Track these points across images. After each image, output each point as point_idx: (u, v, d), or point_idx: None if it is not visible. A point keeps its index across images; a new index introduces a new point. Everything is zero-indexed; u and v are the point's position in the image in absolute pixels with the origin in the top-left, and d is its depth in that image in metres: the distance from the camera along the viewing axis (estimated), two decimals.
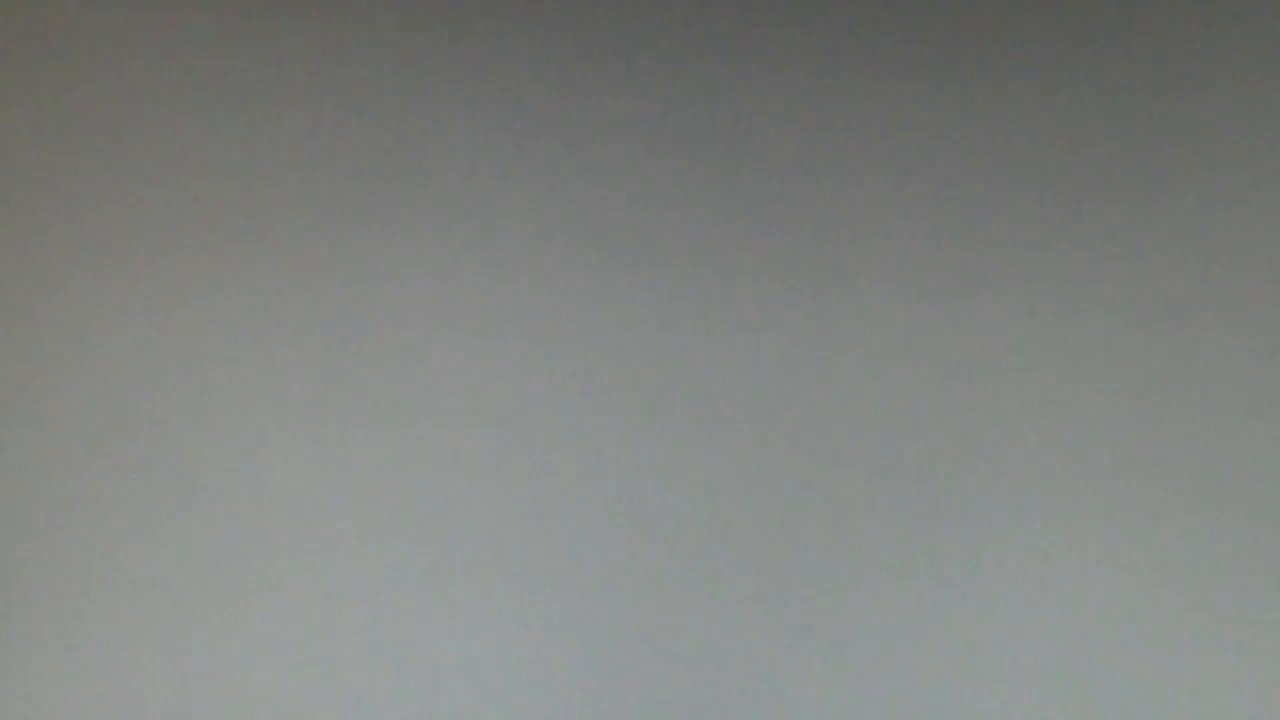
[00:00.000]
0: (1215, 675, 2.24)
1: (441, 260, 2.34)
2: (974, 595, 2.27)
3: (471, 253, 2.34)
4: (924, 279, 2.32)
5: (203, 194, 2.36)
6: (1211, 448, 2.27)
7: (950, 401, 2.30)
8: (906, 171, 2.34)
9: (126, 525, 2.31)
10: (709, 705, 2.28)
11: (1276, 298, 2.29)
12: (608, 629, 2.29)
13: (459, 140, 2.36)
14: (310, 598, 2.30)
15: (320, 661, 2.29)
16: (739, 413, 2.31)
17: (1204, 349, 2.29)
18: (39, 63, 2.38)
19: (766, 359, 2.32)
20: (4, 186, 2.36)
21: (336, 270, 2.34)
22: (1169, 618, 2.26)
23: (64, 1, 2.39)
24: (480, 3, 2.38)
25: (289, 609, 2.29)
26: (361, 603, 2.30)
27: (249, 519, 2.31)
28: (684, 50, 2.37)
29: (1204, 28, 2.33)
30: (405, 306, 2.34)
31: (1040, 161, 2.33)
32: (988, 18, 2.35)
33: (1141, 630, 2.26)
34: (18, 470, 2.32)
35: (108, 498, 2.31)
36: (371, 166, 2.36)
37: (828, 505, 2.30)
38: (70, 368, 2.33)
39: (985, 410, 2.30)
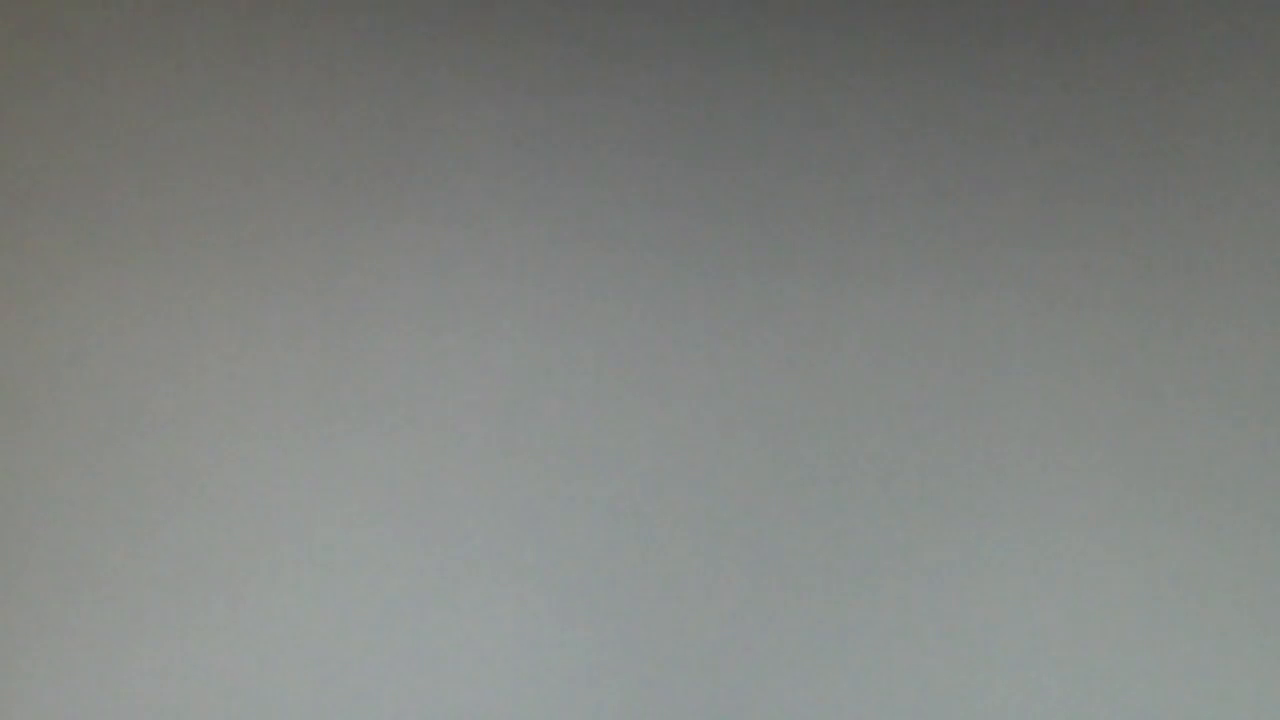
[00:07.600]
0: (1215, 674, 2.24)
1: (441, 259, 2.34)
2: (974, 594, 2.27)
3: (471, 251, 2.35)
4: (923, 278, 2.32)
5: (200, 193, 2.36)
6: (1212, 447, 2.27)
7: (950, 400, 2.30)
8: (908, 171, 2.34)
9: (126, 525, 2.31)
10: (708, 704, 2.28)
11: (1276, 298, 2.29)
12: (608, 628, 2.29)
13: (458, 139, 2.36)
14: (310, 597, 2.30)
15: (320, 661, 2.29)
16: (739, 411, 2.31)
17: (1203, 348, 2.29)
18: (39, 63, 2.38)
19: (766, 358, 2.32)
20: (4, 186, 2.36)
21: (336, 269, 2.34)
22: (1169, 617, 2.26)
23: (64, 1, 2.39)
24: (480, 2, 2.38)
25: (289, 608, 2.30)
26: (361, 601, 2.30)
27: (248, 518, 2.31)
28: (684, 50, 2.37)
29: (1204, 28, 2.33)
30: (405, 305, 2.34)
31: (1041, 161, 2.33)
32: (988, 18, 2.35)
33: (1141, 629, 2.26)
34: (17, 470, 2.32)
35: (107, 497, 2.31)
36: (371, 165, 2.36)
37: (829, 504, 2.30)
38: (69, 367, 2.33)
39: (985, 409, 2.30)
